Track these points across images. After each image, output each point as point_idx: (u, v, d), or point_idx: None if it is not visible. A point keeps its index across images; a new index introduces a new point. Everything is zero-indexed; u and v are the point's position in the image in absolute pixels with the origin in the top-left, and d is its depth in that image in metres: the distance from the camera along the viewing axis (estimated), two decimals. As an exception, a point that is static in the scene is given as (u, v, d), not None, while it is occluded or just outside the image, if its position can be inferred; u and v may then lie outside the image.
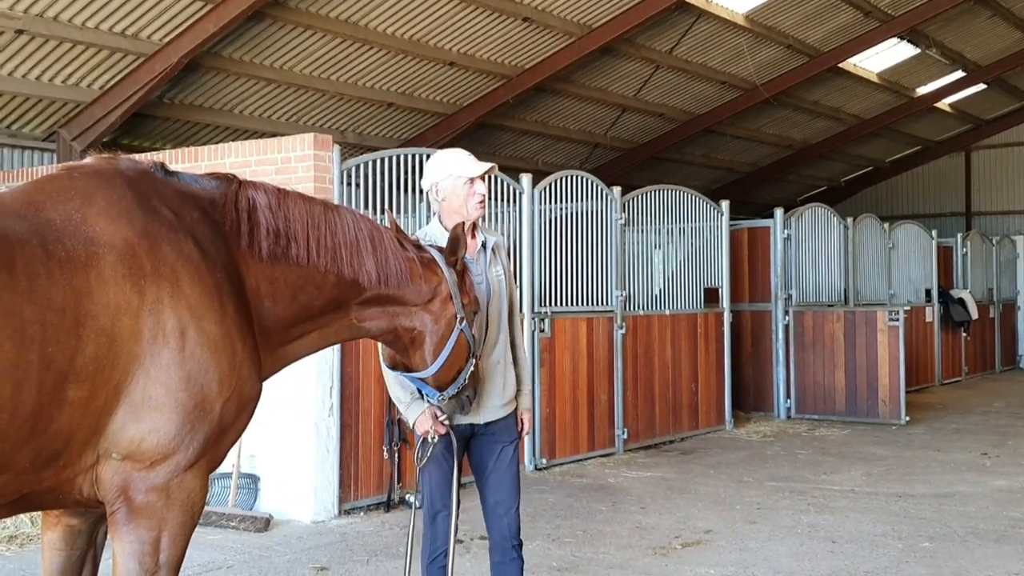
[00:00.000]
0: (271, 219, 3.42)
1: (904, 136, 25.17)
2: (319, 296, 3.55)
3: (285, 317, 3.49)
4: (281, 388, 7.72)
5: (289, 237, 3.45)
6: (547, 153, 18.91)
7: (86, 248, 2.94)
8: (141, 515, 3.05)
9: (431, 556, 4.41)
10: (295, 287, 3.48)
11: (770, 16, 16.24)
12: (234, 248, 3.34)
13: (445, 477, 4.37)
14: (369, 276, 3.63)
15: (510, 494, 4.40)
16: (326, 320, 3.63)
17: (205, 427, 3.12)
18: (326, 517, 7.69)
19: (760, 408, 13.63)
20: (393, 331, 3.82)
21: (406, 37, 13.31)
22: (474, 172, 4.30)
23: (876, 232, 15.99)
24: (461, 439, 4.38)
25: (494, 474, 4.40)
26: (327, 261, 3.52)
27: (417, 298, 3.79)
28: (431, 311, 3.83)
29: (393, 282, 3.70)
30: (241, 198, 3.41)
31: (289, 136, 8.13)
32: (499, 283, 4.41)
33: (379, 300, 3.72)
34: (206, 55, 11.91)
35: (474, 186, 4.31)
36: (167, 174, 3.33)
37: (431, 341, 3.85)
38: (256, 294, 3.38)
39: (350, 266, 3.58)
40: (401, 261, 3.74)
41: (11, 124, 11.86)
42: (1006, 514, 7.87)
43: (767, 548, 6.92)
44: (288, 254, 3.44)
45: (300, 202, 3.54)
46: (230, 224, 3.35)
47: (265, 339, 3.41)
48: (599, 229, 10.67)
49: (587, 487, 9.05)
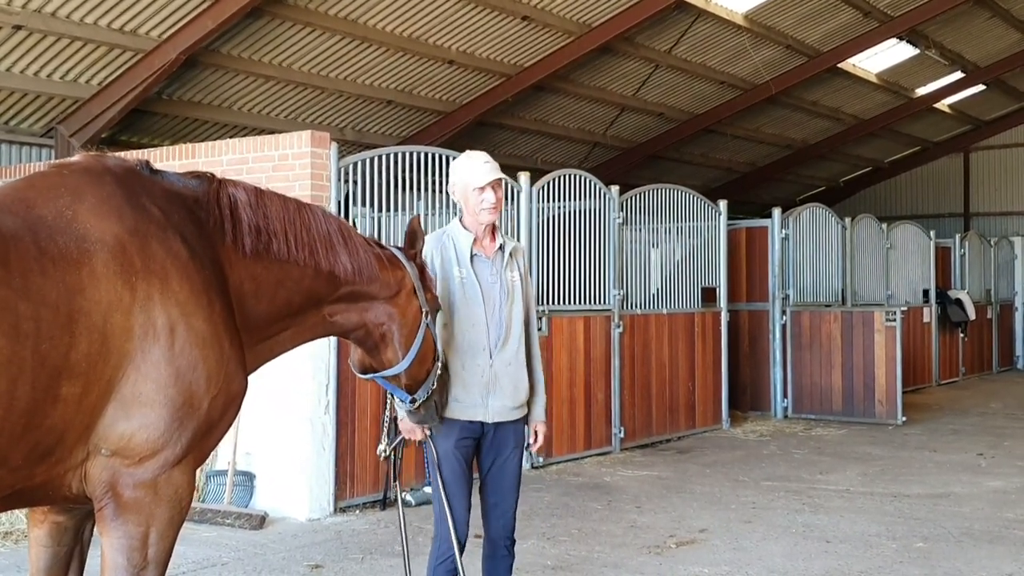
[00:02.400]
0: (252, 216, 3.46)
1: (903, 137, 25.19)
2: (298, 292, 3.59)
3: (267, 314, 3.52)
4: (277, 385, 7.74)
5: (270, 233, 3.49)
6: (546, 152, 18.92)
7: (78, 245, 2.96)
8: (129, 511, 3.07)
9: (439, 559, 4.40)
10: (276, 283, 3.52)
11: (769, 16, 16.25)
12: (218, 246, 3.37)
13: (455, 474, 4.36)
14: (345, 269, 3.67)
15: (509, 496, 4.44)
16: (303, 317, 3.67)
17: (193, 423, 3.14)
18: (321, 515, 7.69)
19: (757, 408, 13.63)
20: (363, 326, 3.84)
21: (405, 35, 13.32)
22: (479, 183, 4.33)
23: (874, 232, 15.99)
24: (472, 439, 4.38)
25: (497, 475, 4.42)
26: (305, 255, 3.56)
27: (385, 291, 3.83)
28: (398, 304, 3.86)
29: (365, 275, 3.74)
30: (223, 195, 3.44)
31: (286, 133, 8.13)
32: (514, 286, 4.44)
33: (352, 296, 3.75)
34: (205, 52, 11.91)
35: (484, 194, 4.34)
36: (152, 172, 3.36)
37: (400, 335, 3.87)
38: (239, 291, 3.41)
39: (326, 259, 3.62)
40: (370, 255, 3.79)
41: (9, 120, 11.86)
42: (1001, 515, 7.88)
43: (762, 547, 6.93)
44: (270, 250, 3.48)
45: (276, 199, 3.59)
46: (214, 222, 3.38)
47: (248, 336, 3.45)
48: (597, 228, 10.67)
49: (583, 486, 9.05)
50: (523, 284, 4.52)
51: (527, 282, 4.57)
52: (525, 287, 4.53)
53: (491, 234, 4.47)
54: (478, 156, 4.45)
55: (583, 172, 10.81)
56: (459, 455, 4.36)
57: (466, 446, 4.37)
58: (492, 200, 4.35)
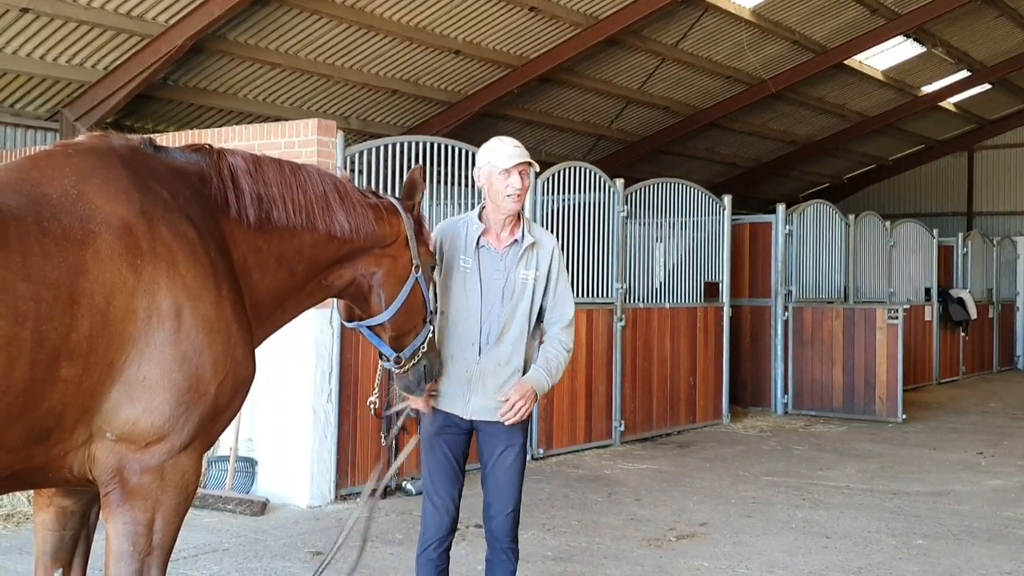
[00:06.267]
0: (252, 185, 3.44)
1: (908, 134, 25.14)
2: (300, 259, 3.56)
3: (271, 288, 3.50)
4: (280, 373, 7.75)
5: (270, 200, 3.46)
6: (551, 144, 18.88)
7: (82, 225, 2.93)
8: (135, 496, 3.05)
9: (421, 547, 4.35)
10: (278, 254, 3.49)
11: (777, 11, 16.21)
12: (222, 223, 3.34)
13: (438, 462, 4.30)
14: (342, 228, 3.64)
15: (505, 497, 4.26)
16: (304, 285, 3.64)
17: (200, 408, 3.11)
18: (322, 502, 7.71)
19: (757, 403, 13.64)
20: (354, 281, 3.80)
21: (412, 24, 13.28)
22: (506, 164, 4.14)
23: (877, 230, 15.98)
24: (458, 430, 4.30)
25: (491, 475, 4.30)
26: (303, 219, 3.53)
27: (380, 242, 3.79)
28: (390, 254, 3.82)
29: (363, 232, 3.70)
30: (223, 167, 3.41)
31: (293, 121, 8.13)
32: (524, 285, 4.23)
33: (350, 254, 3.72)
34: (211, 38, 11.89)
35: (508, 178, 4.15)
36: (156, 150, 3.34)
37: (388, 283, 3.82)
38: (244, 267, 3.38)
39: (323, 221, 3.59)
40: (366, 208, 3.75)
41: (14, 103, 11.84)
42: (1000, 514, 7.89)
43: (761, 542, 6.94)
44: (271, 218, 3.46)
45: (273, 164, 3.56)
46: (217, 195, 3.35)
47: (254, 313, 3.41)
48: (601, 221, 10.67)
49: (583, 478, 9.06)
50: (544, 283, 4.26)
51: (559, 280, 4.30)
52: (552, 286, 4.28)
53: (512, 226, 4.26)
54: (508, 140, 4.29)
55: (588, 165, 10.80)
56: (443, 444, 4.28)
57: (451, 436, 4.29)
58: (518, 186, 4.14)
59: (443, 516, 4.30)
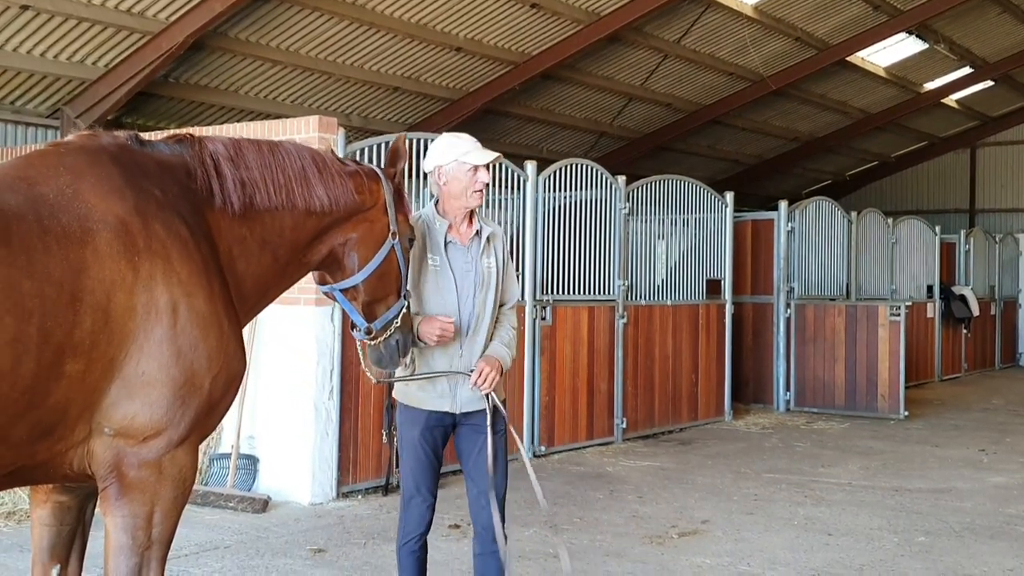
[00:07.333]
0: (234, 170, 3.45)
1: (910, 131, 25.11)
2: (281, 241, 3.57)
3: (256, 274, 3.51)
4: (281, 370, 7.75)
5: (252, 184, 3.47)
6: (552, 141, 18.87)
7: (80, 224, 2.97)
8: (134, 490, 3.08)
9: (403, 540, 4.37)
10: (261, 240, 3.51)
11: (779, 8, 16.18)
12: (208, 215, 3.36)
13: (420, 462, 4.33)
14: (322, 202, 3.63)
15: (491, 485, 4.25)
16: (287, 266, 3.65)
17: (195, 403, 3.15)
18: (324, 499, 7.70)
19: (759, 400, 13.64)
20: (331, 252, 3.79)
21: (413, 21, 13.27)
22: (481, 160, 4.23)
23: (880, 227, 15.97)
24: (441, 429, 4.34)
25: (475, 465, 4.32)
26: (283, 199, 3.54)
27: (359, 208, 3.78)
28: (368, 219, 3.80)
29: (343, 203, 3.70)
30: (206, 156, 3.42)
31: (294, 118, 8.11)
32: (489, 273, 4.33)
33: (329, 226, 3.71)
34: (212, 35, 11.88)
35: (478, 174, 4.25)
36: (141, 145, 3.35)
37: (363, 245, 3.79)
38: (229, 258, 3.40)
39: (302, 197, 3.59)
40: (345, 176, 3.74)
41: (15, 101, 11.84)
42: (1002, 511, 7.88)
43: (763, 539, 6.93)
44: (254, 203, 3.47)
45: (251, 146, 3.56)
46: (202, 187, 3.37)
47: (241, 303, 3.44)
48: (603, 218, 10.66)
49: (585, 475, 9.06)
50: (501, 270, 4.40)
51: (507, 265, 4.45)
52: (504, 272, 4.41)
53: (468, 219, 4.34)
54: (466, 136, 4.36)
55: (590, 162, 10.78)
56: (424, 444, 4.32)
57: (433, 436, 4.33)
58: (487, 180, 4.27)
59: (426, 511, 4.37)
